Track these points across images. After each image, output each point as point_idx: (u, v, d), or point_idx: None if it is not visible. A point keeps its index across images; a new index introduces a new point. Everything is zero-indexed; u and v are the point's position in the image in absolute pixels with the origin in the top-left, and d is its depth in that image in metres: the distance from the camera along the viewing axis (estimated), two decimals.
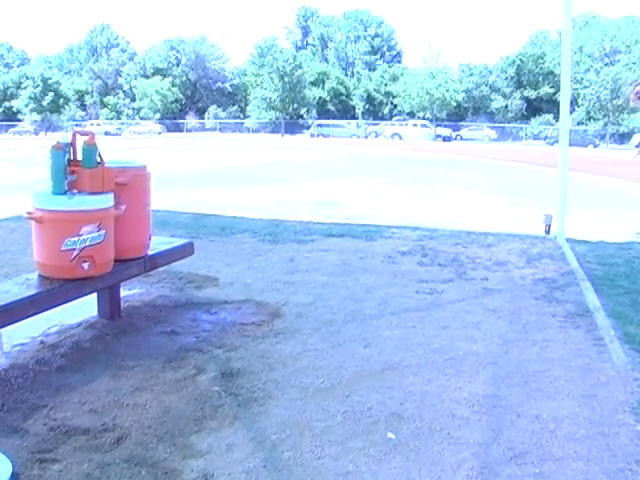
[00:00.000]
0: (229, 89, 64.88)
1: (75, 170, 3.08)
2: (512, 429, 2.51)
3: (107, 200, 3.14)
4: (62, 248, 2.98)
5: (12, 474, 2.05)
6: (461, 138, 46.72)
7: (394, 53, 72.00)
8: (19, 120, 55.81)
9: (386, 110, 57.33)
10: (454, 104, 50.90)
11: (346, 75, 65.96)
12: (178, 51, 66.23)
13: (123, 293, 3.93)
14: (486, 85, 53.81)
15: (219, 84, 65.25)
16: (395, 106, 55.78)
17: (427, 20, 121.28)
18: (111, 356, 3.20)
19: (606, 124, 42.78)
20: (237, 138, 41.84)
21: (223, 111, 57.75)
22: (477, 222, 7.87)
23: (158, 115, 56.88)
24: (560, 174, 6.40)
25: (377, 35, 70.60)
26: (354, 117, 55.66)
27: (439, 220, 8.01)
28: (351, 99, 59.45)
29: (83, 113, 60.64)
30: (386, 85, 57.89)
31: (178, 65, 63.87)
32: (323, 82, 58.77)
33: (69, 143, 3.13)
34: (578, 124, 44.42)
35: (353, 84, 60.96)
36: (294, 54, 57.41)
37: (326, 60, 69.99)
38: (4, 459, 2.09)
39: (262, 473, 2.19)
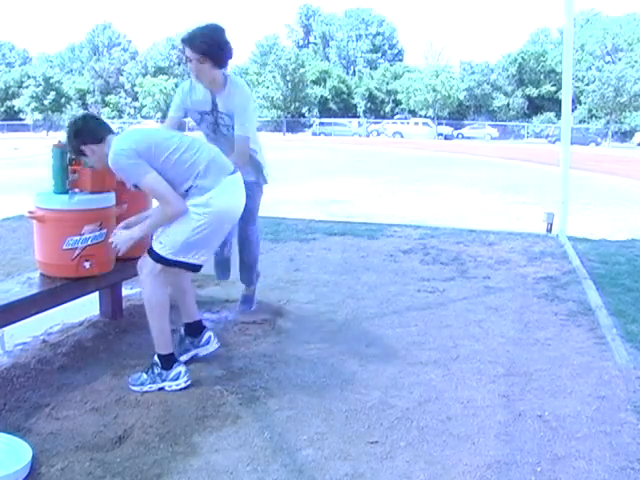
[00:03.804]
0: None
1: (76, 169, 3.08)
2: (514, 427, 2.51)
3: (108, 199, 3.14)
4: (64, 247, 2.98)
5: (32, 457, 2.16)
6: (462, 136, 46.72)
7: (395, 51, 72.05)
8: (21, 119, 55.87)
9: (388, 108, 57.34)
10: (456, 102, 50.91)
11: (348, 74, 65.98)
12: (180, 50, 66.30)
13: (125, 292, 3.94)
14: (488, 83, 53.82)
15: None
16: (397, 104, 55.78)
17: (428, 18, 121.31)
18: (113, 355, 3.20)
19: (608, 122, 42.73)
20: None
21: None
22: (479, 220, 7.87)
23: (160, 114, 56.91)
24: (562, 172, 6.39)
25: (378, 33, 70.64)
26: (356, 116, 55.64)
27: (441, 218, 8.01)
28: (353, 97, 59.43)
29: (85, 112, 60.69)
30: (388, 83, 57.88)
31: (179, 64, 63.87)
32: (325, 81, 58.76)
33: None
34: (580, 122, 44.39)
35: (355, 83, 60.93)
36: (296, 53, 57.40)
37: (328, 59, 70.03)
38: (24, 445, 2.23)
39: (265, 472, 2.19)
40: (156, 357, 2.84)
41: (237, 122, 3.36)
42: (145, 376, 2.80)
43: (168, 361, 2.82)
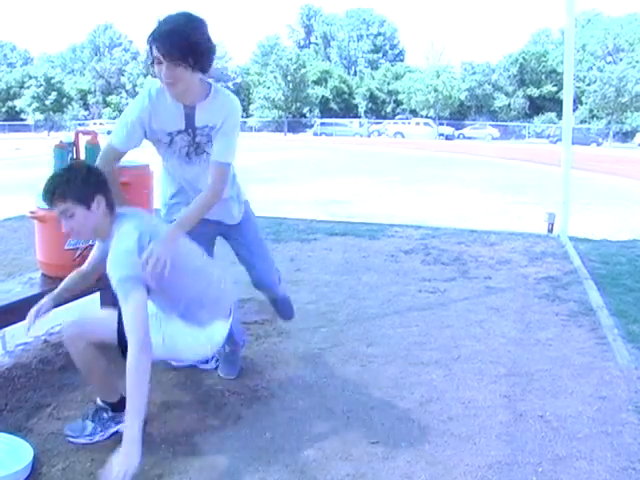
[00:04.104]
0: (232, 88, 64.91)
1: None
2: (515, 428, 2.51)
3: None
4: (65, 247, 2.98)
5: (33, 457, 2.16)
6: (464, 137, 46.69)
7: (396, 52, 72.05)
8: (22, 120, 55.91)
9: (389, 109, 57.33)
10: (457, 102, 50.92)
11: (349, 74, 65.96)
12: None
13: None
14: (489, 84, 53.81)
15: (222, 83, 65.35)
16: (398, 105, 55.76)
17: (429, 18, 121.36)
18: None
19: (609, 122, 42.69)
20: (240, 137, 41.72)
21: None
22: (480, 220, 7.87)
23: None
24: (563, 172, 6.39)
25: (379, 34, 70.64)
26: (357, 116, 55.61)
27: (442, 219, 8.00)
28: (354, 98, 59.41)
29: (86, 112, 60.73)
30: (389, 84, 57.88)
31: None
32: (326, 81, 58.73)
33: (72, 142, 3.12)
34: (581, 122, 44.35)
35: (356, 83, 60.91)
36: (297, 53, 57.40)
37: (329, 59, 70.04)
38: (26, 445, 2.21)
39: (266, 472, 2.19)
40: (100, 401, 2.41)
41: (220, 144, 2.59)
42: (91, 425, 2.36)
43: (120, 404, 2.26)
